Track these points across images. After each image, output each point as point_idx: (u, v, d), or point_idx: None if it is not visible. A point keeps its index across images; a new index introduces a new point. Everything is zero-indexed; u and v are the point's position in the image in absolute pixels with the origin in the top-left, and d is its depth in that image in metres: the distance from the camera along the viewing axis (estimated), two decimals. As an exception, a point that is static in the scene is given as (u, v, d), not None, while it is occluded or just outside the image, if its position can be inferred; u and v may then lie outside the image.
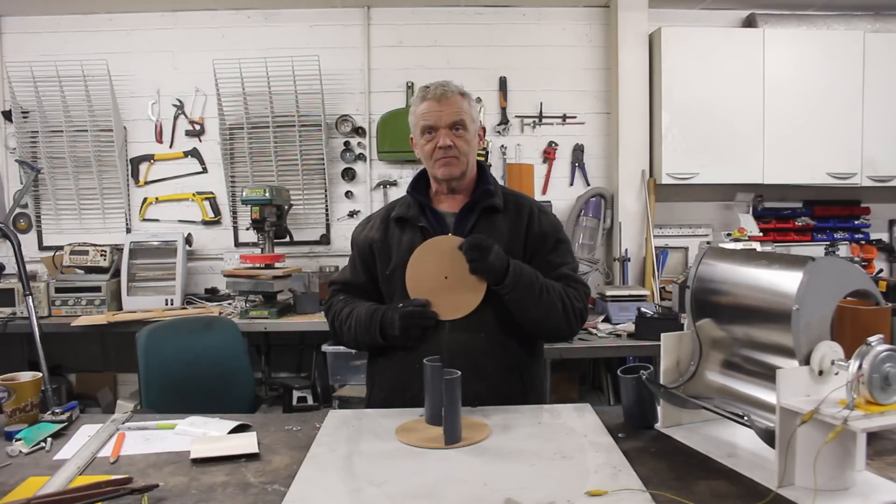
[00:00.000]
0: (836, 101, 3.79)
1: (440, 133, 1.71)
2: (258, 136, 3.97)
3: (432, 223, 1.76)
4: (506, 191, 1.85)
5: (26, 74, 3.83)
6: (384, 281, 1.79)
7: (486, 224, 1.75)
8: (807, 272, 1.17)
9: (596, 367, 3.93)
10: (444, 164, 1.73)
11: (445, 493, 1.15)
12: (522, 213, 1.79)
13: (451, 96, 1.72)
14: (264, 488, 1.20)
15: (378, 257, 1.80)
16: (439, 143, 1.71)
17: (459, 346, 1.64)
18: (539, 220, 1.80)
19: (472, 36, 4.04)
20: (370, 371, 1.85)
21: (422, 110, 1.74)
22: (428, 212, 1.78)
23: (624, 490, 1.14)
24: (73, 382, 4.03)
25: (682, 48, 3.77)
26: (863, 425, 1.03)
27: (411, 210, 1.79)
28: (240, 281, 3.43)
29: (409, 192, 1.83)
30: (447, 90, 1.72)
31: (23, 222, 4.02)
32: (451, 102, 1.72)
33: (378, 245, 1.80)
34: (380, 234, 1.81)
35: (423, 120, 1.73)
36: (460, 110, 1.72)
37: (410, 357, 1.66)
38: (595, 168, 4.11)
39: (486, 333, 1.68)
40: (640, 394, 1.46)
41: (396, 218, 1.80)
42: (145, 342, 2.35)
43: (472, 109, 1.77)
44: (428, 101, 1.73)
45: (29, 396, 1.51)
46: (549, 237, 1.79)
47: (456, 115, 1.71)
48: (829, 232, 4.18)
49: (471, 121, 1.75)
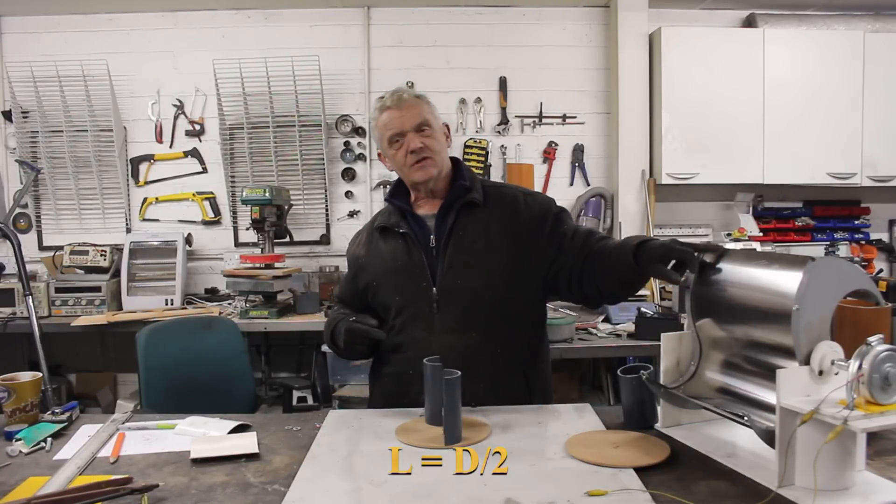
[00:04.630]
0: (836, 101, 3.79)
1: (408, 137, 1.69)
2: (258, 136, 3.97)
3: (413, 228, 1.74)
4: (486, 183, 1.82)
5: (26, 74, 3.83)
6: (369, 287, 1.79)
7: (466, 220, 1.72)
8: (807, 272, 1.16)
9: (596, 367, 3.93)
10: (420, 168, 1.70)
11: (445, 493, 1.15)
12: (506, 203, 1.75)
13: (409, 99, 1.71)
14: (264, 488, 1.20)
15: (363, 268, 1.82)
16: (410, 147, 1.68)
17: (451, 348, 1.62)
18: (527, 205, 1.75)
19: (472, 36, 4.04)
20: (371, 376, 1.86)
21: (384, 120, 1.72)
22: (409, 217, 1.76)
23: (624, 490, 1.14)
24: (73, 382, 4.03)
25: (682, 48, 3.77)
26: (863, 425, 1.03)
27: (392, 217, 1.77)
28: (240, 281, 3.43)
29: (388, 200, 1.82)
30: (402, 95, 1.72)
31: (23, 222, 4.02)
32: (411, 105, 1.70)
33: (363, 260, 1.82)
34: (364, 249, 1.83)
35: (388, 130, 1.71)
36: (421, 112, 1.71)
37: (406, 363, 1.67)
38: (595, 168, 4.11)
39: (478, 334, 1.68)
40: (640, 394, 1.46)
41: (379, 228, 1.79)
42: (145, 342, 2.35)
43: (433, 110, 1.76)
44: (388, 110, 1.71)
45: (29, 396, 1.51)
46: (547, 215, 1.74)
47: (419, 117, 1.70)
48: (829, 232, 4.18)
49: (433, 119, 1.73)
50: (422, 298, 1.69)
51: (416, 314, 1.70)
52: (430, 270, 1.70)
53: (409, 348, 1.69)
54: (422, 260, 1.71)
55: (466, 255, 1.69)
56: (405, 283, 1.72)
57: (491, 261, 1.70)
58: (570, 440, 1.36)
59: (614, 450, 1.31)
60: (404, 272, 1.72)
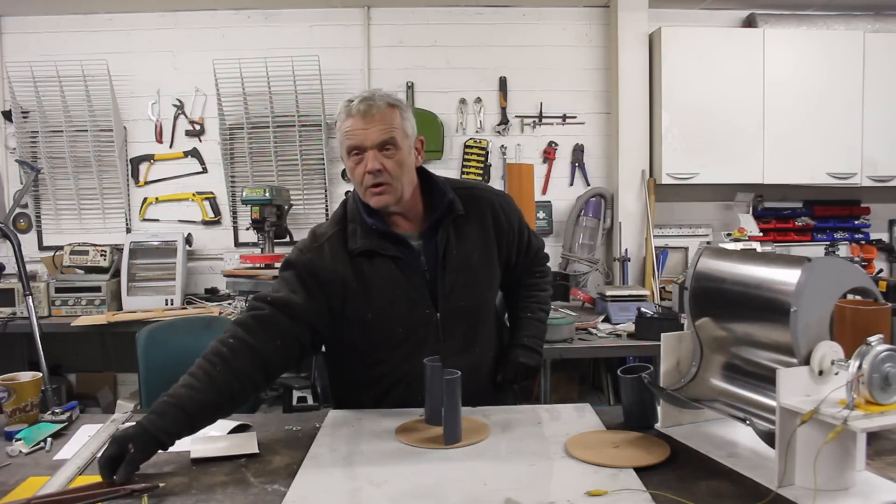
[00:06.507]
0: (836, 101, 3.79)
1: (368, 155, 1.52)
2: (258, 136, 3.96)
3: (402, 251, 1.59)
4: (458, 188, 1.67)
5: (26, 74, 3.83)
6: (366, 320, 1.58)
7: (456, 236, 1.63)
8: (804, 272, 1.17)
9: (596, 367, 3.93)
10: (376, 194, 1.54)
11: (445, 493, 1.15)
12: (484, 210, 1.68)
13: (378, 112, 1.51)
14: (264, 488, 1.20)
15: (351, 298, 1.57)
16: (367, 167, 1.52)
17: (456, 367, 1.47)
18: (502, 207, 1.72)
19: (472, 36, 4.04)
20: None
21: (346, 128, 1.53)
22: (391, 238, 1.60)
23: (624, 490, 1.14)
24: (73, 382, 4.02)
25: (682, 48, 3.77)
26: (863, 425, 1.03)
27: (374, 240, 1.57)
28: (240, 281, 3.43)
29: (367, 217, 1.58)
30: (373, 104, 1.52)
31: (23, 222, 4.02)
32: (379, 118, 1.51)
33: (353, 285, 1.56)
34: (349, 270, 1.57)
35: (347, 139, 1.54)
36: (390, 126, 1.52)
37: (414, 394, 1.57)
38: (595, 168, 4.11)
39: (480, 348, 1.70)
40: (640, 394, 1.46)
41: (363, 252, 1.57)
42: (145, 342, 2.35)
43: (405, 121, 1.57)
44: (353, 118, 1.52)
45: (29, 396, 1.51)
46: (514, 223, 1.75)
47: (385, 134, 1.52)
48: (829, 232, 4.18)
49: (403, 136, 1.55)
50: (425, 326, 1.61)
51: (421, 343, 1.60)
52: (431, 295, 1.61)
53: (414, 379, 1.54)
54: (420, 285, 1.60)
55: (465, 274, 1.63)
56: (407, 312, 1.59)
57: (485, 274, 1.70)
58: (570, 440, 1.36)
59: (614, 450, 1.31)
60: (406, 301, 1.59)
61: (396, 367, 1.62)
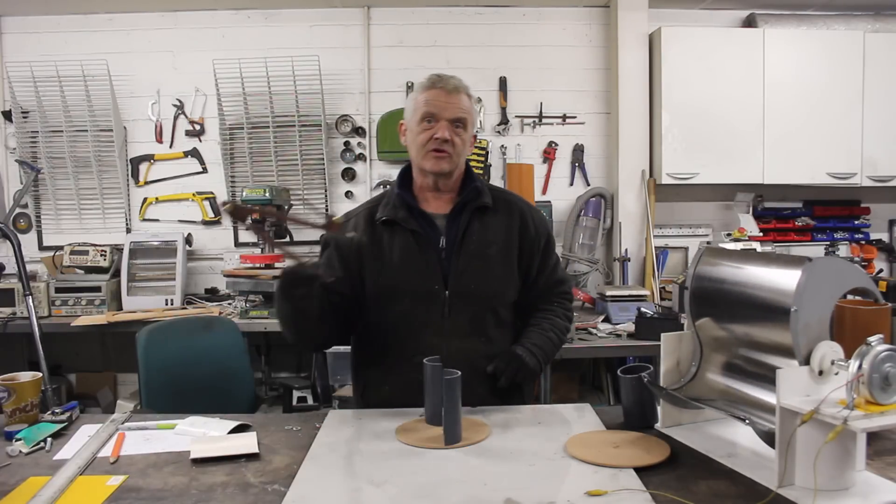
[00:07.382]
0: (836, 101, 3.79)
1: (441, 125, 1.64)
2: (258, 136, 3.97)
3: (423, 226, 1.69)
4: (493, 188, 1.81)
5: (26, 74, 3.83)
6: (375, 286, 1.68)
7: (479, 224, 1.70)
8: (804, 272, 1.17)
9: (596, 367, 3.93)
10: (436, 157, 1.65)
11: (445, 493, 1.15)
12: (514, 213, 1.76)
13: (460, 93, 1.67)
14: (264, 488, 1.20)
15: (367, 262, 1.69)
16: (437, 135, 1.63)
17: (461, 353, 1.61)
18: (533, 221, 1.78)
19: (472, 36, 4.04)
20: (368, 381, 1.77)
21: (427, 96, 1.66)
22: (416, 213, 1.70)
23: (624, 490, 1.14)
24: (73, 382, 4.03)
25: (682, 48, 3.77)
26: (863, 425, 1.03)
27: (399, 212, 1.69)
28: (240, 281, 3.43)
29: (399, 191, 1.73)
30: (459, 86, 1.68)
31: (23, 222, 4.02)
32: (460, 98, 1.67)
33: (368, 249, 1.69)
34: (368, 236, 1.70)
35: (426, 106, 1.65)
36: (467, 109, 1.68)
37: (417, 369, 1.58)
38: (595, 168, 4.11)
39: (486, 339, 1.69)
40: (640, 394, 1.46)
41: (384, 220, 1.70)
42: (145, 342, 2.34)
43: (474, 113, 1.73)
44: (437, 90, 1.65)
45: (29, 396, 1.51)
46: (542, 237, 1.79)
47: (461, 112, 1.66)
48: (829, 232, 4.18)
49: (470, 123, 1.70)
50: (432, 301, 1.65)
51: (426, 318, 1.65)
52: (442, 273, 1.66)
53: (418, 354, 1.57)
54: (434, 261, 1.67)
55: (480, 259, 1.68)
56: (416, 284, 1.66)
57: (501, 269, 1.71)
58: (570, 440, 1.36)
59: (614, 450, 1.31)
60: (416, 273, 1.66)
61: (401, 343, 1.67)
